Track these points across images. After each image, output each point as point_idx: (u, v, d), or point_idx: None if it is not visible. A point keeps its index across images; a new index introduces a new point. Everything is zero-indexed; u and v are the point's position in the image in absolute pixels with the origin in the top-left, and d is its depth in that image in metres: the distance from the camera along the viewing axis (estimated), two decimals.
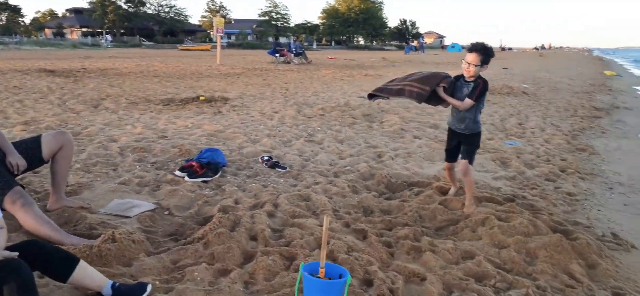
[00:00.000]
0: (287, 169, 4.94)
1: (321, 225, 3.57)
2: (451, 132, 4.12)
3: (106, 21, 68.67)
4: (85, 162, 4.67)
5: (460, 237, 3.64)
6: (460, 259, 3.24)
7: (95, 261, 2.70)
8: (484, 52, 3.69)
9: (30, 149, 3.34)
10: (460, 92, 3.85)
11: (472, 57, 3.70)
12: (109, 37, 58.67)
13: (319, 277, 2.46)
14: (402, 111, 8.81)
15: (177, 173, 4.46)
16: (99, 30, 68.78)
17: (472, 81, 3.79)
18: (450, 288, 2.86)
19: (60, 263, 2.35)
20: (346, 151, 5.88)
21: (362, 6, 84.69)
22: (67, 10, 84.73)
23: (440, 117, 8.49)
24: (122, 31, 70.25)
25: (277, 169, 4.90)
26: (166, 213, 3.65)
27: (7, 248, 2.23)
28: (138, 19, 71.84)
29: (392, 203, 4.23)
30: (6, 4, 77.54)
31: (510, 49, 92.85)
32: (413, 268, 3.02)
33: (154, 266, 2.78)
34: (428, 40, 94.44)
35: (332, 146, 6.11)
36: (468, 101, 3.77)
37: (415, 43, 52.60)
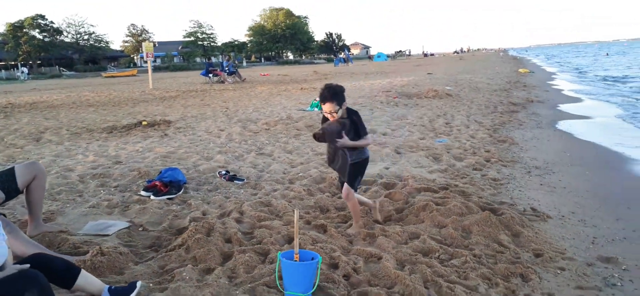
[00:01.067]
0: (245, 180, 5.32)
1: (286, 225, 4.00)
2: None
3: (20, 53, 64.89)
4: (50, 191, 4.79)
5: (406, 222, 4.19)
6: (408, 239, 3.78)
7: (90, 273, 2.96)
8: (336, 96, 3.63)
9: (6, 182, 3.51)
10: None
11: (328, 107, 3.65)
12: (25, 69, 55.51)
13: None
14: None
15: (143, 193, 4.72)
16: (13, 62, 64.89)
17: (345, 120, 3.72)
18: (403, 262, 3.37)
19: (65, 273, 2.62)
20: (296, 159, 6.34)
21: (288, 22, 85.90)
22: None
23: (376, 123, 9.17)
24: (38, 62, 66.65)
25: (235, 181, 5.26)
26: (140, 229, 3.93)
27: (17, 263, 2.48)
28: (55, 49, 68.46)
29: (342, 200, 4.72)
30: None
31: (432, 54, 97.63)
32: (370, 250, 3.52)
33: (144, 272, 3.09)
34: (355, 51, 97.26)
35: (282, 156, 6.54)
36: (369, 137, 3.91)
37: (342, 55, 54.08)
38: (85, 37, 73.24)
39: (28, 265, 2.44)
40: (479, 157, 6.50)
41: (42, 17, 67.41)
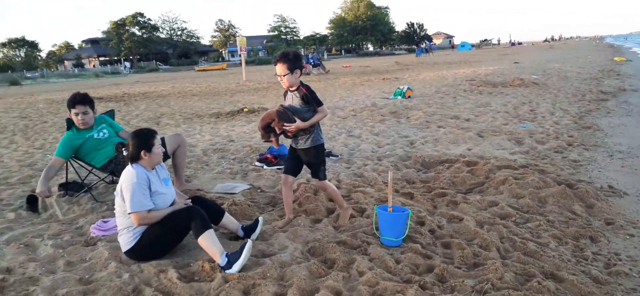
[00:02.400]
0: (339, 156, 6.06)
1: (378, 191, 4.68)
2: (292, 151, 3.86)
3: (122, 49, 71.00)
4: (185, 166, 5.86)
5: (486, 194, 4.69)
6: (488, 206, 4.29)
7: None
8: (288, 59, 3.55)
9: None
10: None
11: (279, 69, 3.57)
12: (127, 64, 60.78)
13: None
14: (425, 107, 9.89)
15: (257, 163, 5.64)
16: (116, 58, 71.12)
17: (296, 91, 3.67)
18: (482, 223, 3.90)
19: (215, 212, 3.49)
20: (383, 141, 6.98)
21: (368, 13, 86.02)
22: (83, 41, 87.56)
23: (459, 110, 9.54)
24: (138, 57, 72.50)
25: (331, 157, 6.02)
26: (259, 190, 4.80)
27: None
28: (152, 44, 74.06)
29: (429, 175, 5.31)
30: (23, 40, 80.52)
31: (520, 43, 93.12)
32: (453, 213, 4.09)
33: (268, 219, 3.93)
34: (437, 41, 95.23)
35: (370, 138, 7.21)
36: (322, 110, 3.68)
37: (424, 45, 53.54)
38: (179, 33, 78.50)
39: (190, 202, 3.34)
40: (561, 141, 6.73)
41: (141, 15, 73.17)
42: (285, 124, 3.56)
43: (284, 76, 3.57)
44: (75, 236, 3.71)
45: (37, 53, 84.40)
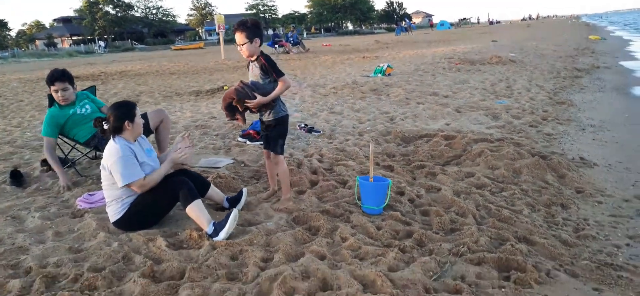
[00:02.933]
0: (321, 132, 6.16)
1: (359, 165, 4.80)
2: (261, 124, 3.79)
3: (96, 28, 69.28)
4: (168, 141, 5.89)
5: (463, 165, 4.86)
6: (464, 177, 4.46)
7: None
8: (246, 27, 3.43)
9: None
10: (253, 77, 3.64)
11: (237, 38, 3.45)
12: (102, 43, 59.40)
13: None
14: (404, 84, 10.02)
15: (239, 139, 5.69)
16: (90, 37, 69.41)
17: (256, 61, 3.56)
18: (459, 193, 4.06)
19: (200, 184, 3.56)
20: (364, 117, 7.10)
21: None
22: (54, 20, 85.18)
23: (438, 87, 9.70)
24: (112, 37, 70.91)
25: (313, 133, 6.11)
26: (242, 164, 4.88)
27: (166, 177, 3.43)
28: (127, 23, 72.47)
29: (408, 148, 5.46)
30: None
31: (498, 22, 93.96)
32: (431, 184, 4.25)
33: (252, 191, 4.03)
34: (416, 20, 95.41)
35: (351, 114, 7.32)
36: (283, 80, 3.56)
37: (404, 24, 53.61)
38: (154, 11, 76.94)
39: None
40: (536, 116, 6.95)
41: None
42: (246, 101, 3.45)
43: (242, 44, 3.44)
44: (61, 209, 3.75)
45: (7, 32, 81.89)
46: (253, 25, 3.47)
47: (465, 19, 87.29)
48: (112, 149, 3.20)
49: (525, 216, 3.59)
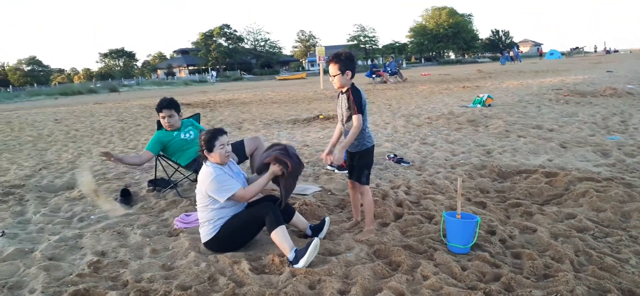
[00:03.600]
0: (410, 163, 6.07)
1: (448, 199, 4.65)
2: (347, 154, 3.83)
3: (210, 59, 74.98)
4: None
5: (564, 206, 4.50)
6: (564, 218, 4.12)
7: None
8: (340, 59, 3.52)
9: (238, 149, 4.80)
10: (340, 108, 3.73)
11: (331, 69, 3.56)
12: (214, 73, 63.99)
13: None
14: (505, 116, 9.56)
15: (328, 167, 5.80)
16: (203, 67, 75.20)
17: (345, 94, 3.64)
18: (557, 236, 3.76)
19: (286, 211, 3.68)
20: (458, 149, 6.87)
21: (450, 21, 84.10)
22: (174, 51, 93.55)
23: (542, 119, 9.13)
24: (224, 67, 76.17)
25: (402, 163, 6.04)
26: (329, 193, 4.95)
27: (253, 203, 3.59)
28: (237, 55, 77.60)
29: (504, 185, 5.18)
30: (123, 50, 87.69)
31: (616, 51, 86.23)
32: (526, 224, 3.98)
33: (336, 220, 4.08)
34: (524, 49, 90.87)
35: (444, 146, 7.13)
36: (355, 118, 3.55)
37: (511, 53, 51.29)
38: (262, 43, 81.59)
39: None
40: None
41: (228, 26, 76.93)
42: (332, 160, 3.60)
43: (334, 76, 3.55)
44: (160, 227, 4.08)
45: (134, 62, 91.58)
46: (346, 57, 3.55)
47: (577, 48, 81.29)
48: (206, 172, 3.45)
49: (633, 266, 3.22)
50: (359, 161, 3.72)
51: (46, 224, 4.28)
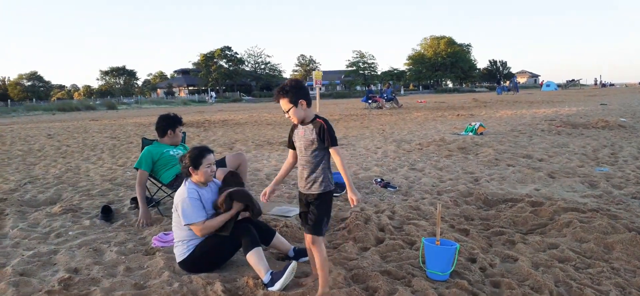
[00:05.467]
0: (397, 188, 6.04)
1: (432, 225, 4.61)
2: (301, 196, 3.25)
3: (210, 80, 75.34)
4: (246, 184, 6.15)
5: (547, 236, 4.47)
6: (547, 248, 4.09)
7: None
8: (286, 92, 3.05)
9: (220, 166, 4.78)
10: (299, 142, 3.18)
11: (282, 104, 3.09)
12: (213, 94, 64.26)
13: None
14: (496, 144, 9.58)
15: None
16: (203, 88, 75.53)
17: (311, 124, 3.12)
18: (538, 265, 3.72)
19: (266, 233, 3.64)
20: (446, 176, 6.86)
21: (449, 50, 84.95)
22: (175, 71, 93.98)
23: (533, 149, 9.15)
24: (224, 88, 76.51)
25: (389, 188, 6.02)
26: None
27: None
28: (237, 76, 77.98)
29: (489, 213, 5.15)
30: (124, 68, 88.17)
31: (611, 84, 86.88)
32: (508, 252, 3.95)
33: None
34: (521, 80, 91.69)
35: (432, 172, 7.12)
36: (337, 151, 3.10)
37: (507, 83, 51.73)
38: (263, 66, 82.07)
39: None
40: None
41: (229, 48, 77.56)
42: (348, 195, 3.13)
43: (287, 111, 3.08)
44: (138, 245, 4.03)
45: (135, 81, 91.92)
46: (293, 87, 3.05)
47: (573, 80, 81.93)
48: (180, 190, 3.42)
49: None
50: (319, 206, 3.10)
51: (22, 239, 4.22)
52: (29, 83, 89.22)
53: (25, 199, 5.74)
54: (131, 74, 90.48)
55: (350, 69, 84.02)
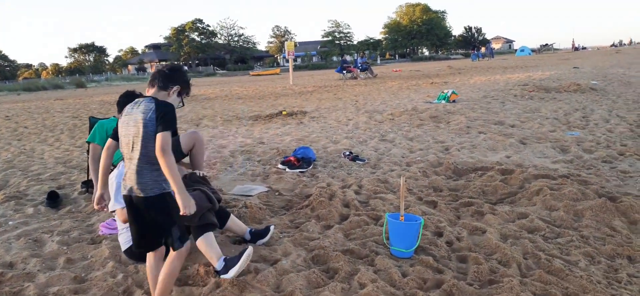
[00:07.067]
0: (366, 161, 5.85)
1: (399, 198, 4.44)
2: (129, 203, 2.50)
3: (182, 54, 73.63)
4: (208, 162, 5.90)
5: (517, 204, 4.34)
6: (516, 218, 3.96)
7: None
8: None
9: (173, 146, 4.48)
10: None
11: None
12: (186, 68, 62.86)
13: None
14: (468, 111, 9.46)
15: (279, 166, 5.54)
16: (175, 62, 73.88)
17: None
18: (506, 236, 3.59)
19: (220, 215, 3.40)
20: (416, 146, 6.70)
21: (424, 17, 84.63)
22: (146, 46, 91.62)
23: (505, 115, 9.05)
24: (196, 62, 74.95)
25: (357, 161, 5.83)
26: (276, 193, 4.70)
27: None
28: (210, 50, 76.39)
29: (458, 183, 5.00)
30: (93, 45, 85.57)
31: (584, 48, 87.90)
32: (476, 224, 3.80)
33: (277, 223, 3.80)
34: (496, 46, 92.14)
35: (403, 143, 6.95)
36: (159, 136, 2.37)
37: (482, 49, 51.86)
38: (236, 39, 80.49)
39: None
40: (612, 150, 6.19)
41: (200, 21, 75.63)
42: None
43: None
44: (83, 234, 3.75)
45: (105, 57, 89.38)
46: (169, 74, 2.66)
47: (547, 44, 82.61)
48: (114, 173, 3.13)
49: (582, 269, 3.06)
50: (159, 216, 2.45)
51: None
52: None
53: None
54: (101, 51, 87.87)
55: (326, 39, 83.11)
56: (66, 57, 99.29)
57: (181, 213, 2.37)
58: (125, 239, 3.17)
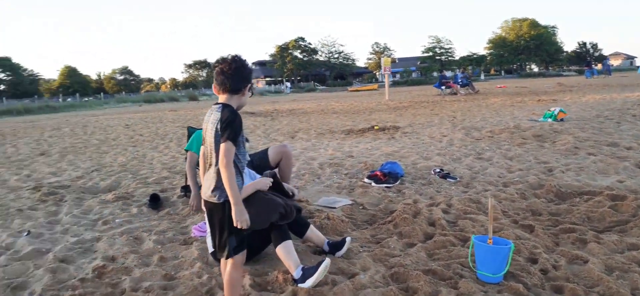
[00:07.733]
0: (458, 179, 5.61)
1: (496, 218, 4.17)
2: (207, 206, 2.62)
3: (285, 70, 76.65)
4: (297, 173, 6.07)
5: (627, 234, 3.89)
6: (626, 249, 3.54)
7: (318, 230, 3.77)
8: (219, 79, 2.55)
9: (261, 159, 4.64)
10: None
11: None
12: (288, 84, 65.23)
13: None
14: (577, 131, 8.72)
15: (366, 180, 5.51)
16: (279, 78, 76.98)
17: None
18: (612, 269, 3.22)
19: (299, 224, 3.44)
20: (515, 166, 6.29)
21: (532, 33, 79.82)
22: (253, 63, 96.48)
23: (620, 136, 8.21)
24: (298, 78, 77.50)
25: (448, 179, 5.60)
26: (361, 207, 4.66)
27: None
28: (312, 67, 78.68)
29: (560, 207, 4.60)
30: (206, 62, 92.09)
31: None
32: (577, 253, 3.46)
33: (358, 237, 3.77)
34: (615, 62, 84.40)
35: (501, 162, 6.56)
36: (222, 146, 2.39)
37: (598, 66, 47.65)
38: (336, 55, 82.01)
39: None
40: None
41: (303, 39, 78.29)
42: None
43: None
44: (177, 235, 4.00)
45: None
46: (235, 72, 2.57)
47: None
48: None
49: None
50: (222, 220, 2.53)
51: (72, 225, 4.36)
52: (121, 77, 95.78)
53: (87, 186, 6.01)
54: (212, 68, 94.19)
55: (425, 55, 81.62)
56: (182, 72, 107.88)
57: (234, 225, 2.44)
58: (211, 242, 3.32)
